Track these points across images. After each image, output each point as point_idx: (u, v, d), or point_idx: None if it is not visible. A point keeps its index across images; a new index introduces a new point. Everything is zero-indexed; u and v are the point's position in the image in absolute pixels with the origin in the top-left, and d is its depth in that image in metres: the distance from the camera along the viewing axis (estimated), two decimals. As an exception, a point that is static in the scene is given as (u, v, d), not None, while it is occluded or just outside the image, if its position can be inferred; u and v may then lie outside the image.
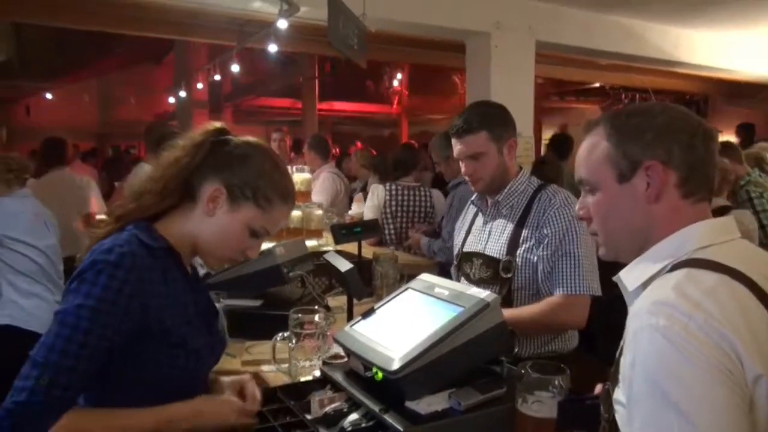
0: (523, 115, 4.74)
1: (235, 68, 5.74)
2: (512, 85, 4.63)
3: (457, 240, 2.17)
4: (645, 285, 0.93)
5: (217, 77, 6.60)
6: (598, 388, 1.16)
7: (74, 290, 1.05)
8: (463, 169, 1.98)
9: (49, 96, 12.20)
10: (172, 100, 10.05)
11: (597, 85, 9.92)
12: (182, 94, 9.20)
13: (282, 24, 3.55)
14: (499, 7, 4.49)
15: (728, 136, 8.26)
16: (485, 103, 2.13)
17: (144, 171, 3.82)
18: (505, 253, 1.90)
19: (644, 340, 0.81)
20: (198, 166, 1.20)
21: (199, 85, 7.60)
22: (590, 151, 1.00)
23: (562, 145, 5.36)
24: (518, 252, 1.88)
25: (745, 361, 0.77)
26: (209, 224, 1.21)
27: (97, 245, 1.11)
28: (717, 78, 7.29)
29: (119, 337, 1.06)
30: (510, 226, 1.93)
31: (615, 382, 0.91)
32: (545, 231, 1.85)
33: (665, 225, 0.94)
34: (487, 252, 1.95)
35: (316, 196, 3.90)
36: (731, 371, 0.76)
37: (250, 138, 1.28)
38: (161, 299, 1.12)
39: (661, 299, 0.83)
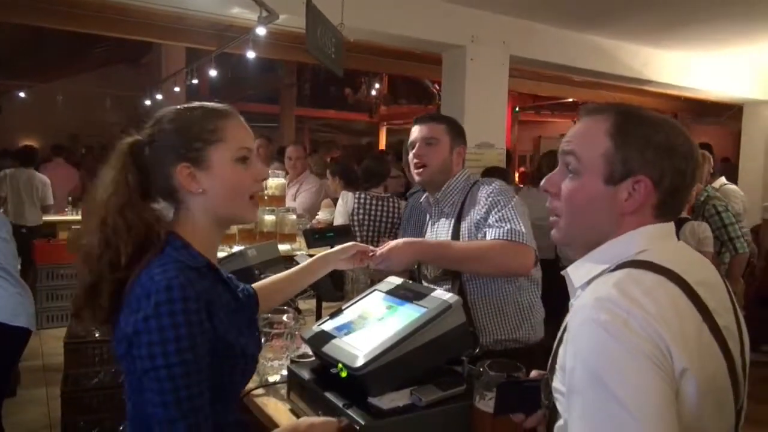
0: (496, 127, 4.85)
1: (213, 73, 5.75)
2: (487, 98, 4.73)
3: None
4: (589, 282, 0.97)
5: (195, 81, 6.58)
6: (534, 373, 1.22)
7: (150, 341, 1.01)
8: (413, 154, 2.10)
9: (22, 95, 12.00)
10: (148, 102, 9.95)
11: (570, 100, 10.13)
12: (158, 96, 9.13)
13: (261, 31, 3.59)
14: (476, 22, 4.59)
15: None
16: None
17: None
18: None
19: (586, 333, 0.85)
20: (139, 182, 1.16)
21: (177, 89, 7.56)
22: (590, 137, 0.99)
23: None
24: None
25: (674, 355, 0.83)
26: (210, 198, 1.18)
27: (146, 281, 1.05)
28: (684, 97, 7.52)
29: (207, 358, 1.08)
30: (451, 222, 2.06)
31: (553, 371, 0.97)
32: (477, 215, 1.94)
33: (625, 233, 0.98)
34: None
35: (339, 218, 3.91)
36: (663, 364, 0.82)
37: (156, 114, 1.23)
38: (220, 316, 1.12)
39: (603, 296, 0.87)
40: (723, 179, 5.56)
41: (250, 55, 4.33)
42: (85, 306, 1.14)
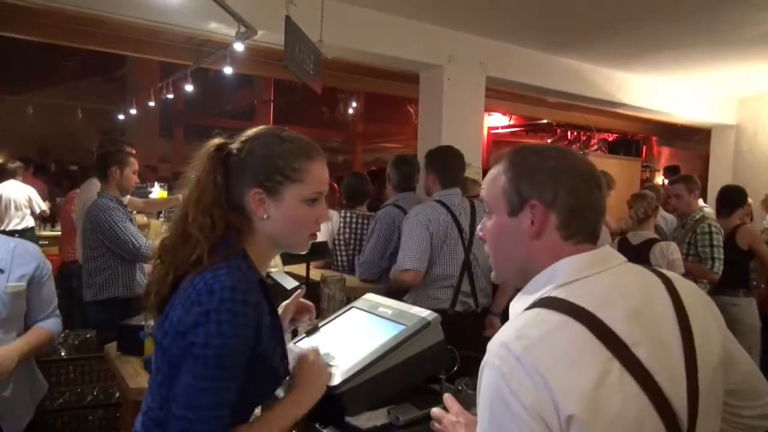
0: (472, 146, 4.89)
1: (189, 88, 5.70)
2: (463, 117, 4.77)
3: None
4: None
5: (170, 96, 6.50)
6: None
7: (207, 332, 1.07)
8: None
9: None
10: (121, 116, 9.82)
11: (545, 121, 10.30)
12: (132, 111, 9.03)
13: (238, 47, 3.57)
14: (453, 42, 4.64)
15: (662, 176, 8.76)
16: None
17: (95, 187, 3.74)
18: None
19: (485, 373, 0.91)
20: (224, 185, 1.21)
21: (151, 103, 7.47)
22: (492, 180, 1.07)
23: None
24: None
25: (560, 403, 0.84)
26: (271, 224, 1.22)
27: (210, 278, 1.11)
28: (655, 120, 7.70)
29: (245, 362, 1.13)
30: None
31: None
32: None
33: (544, 261, 1.00)
34: None
35: (320, 236, 3.85)
36: (543, 413, 0.84)
37: (249, 131, 1.27)
38: (263, 329, 1.16)
39: (502, 340, 0.91)
40: (701, 201, 5.70)
41: (228, 70, 4.31)
42: (152, 294, 1.21)
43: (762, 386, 1.08)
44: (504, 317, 2.95)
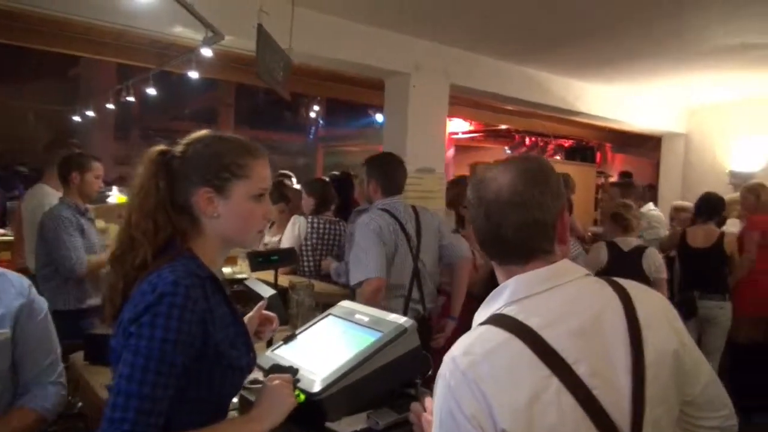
0: (436, 152, 4.98)
1: (151, 91, 5.60)
2: (427, 123, 4.85)
3: None
4: None
5: (131, 98, 6.36)
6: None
7: (149, 323, 1.09)
8: None
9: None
10: (77, 118, 9.53)
11: (504, 127, 10.50)
12: (89, 113, 8.79)
13: (206, 52, 3.54)
14: (419, 50, 4.71)
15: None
16: None
17: (44, 193, 3.63)
18: None
19: (438, 384, 0.99)
20: (168, 189, 1.23)
21: (110, 106, 7.28)
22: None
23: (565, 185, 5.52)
24: None
25: (496, 417, 0.91)
26: (222, 222, 1.24)
27: (154, 278, 1.13)
28: (610, 128, 7.97)
29: (189, 363, 1.13)
30: None
31: None
32: None
33: (502, 279, 1.08)
34: None
35: (287, 242, 3.81)
36: (482, 425, 0.92)
37: (192, 135, 1.30)
38: (214, 325, 1.17)
39: (453, 354, 0.98)
40: (651, 205, 5.94)
41: (193, 75, 4.26)
42: (107, 303, 1.23)
43: (721, 397, 1.11)
44: (461, 322, 3.01)
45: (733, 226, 4.55)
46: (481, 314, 1.06)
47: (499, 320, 0.99)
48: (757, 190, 4.44)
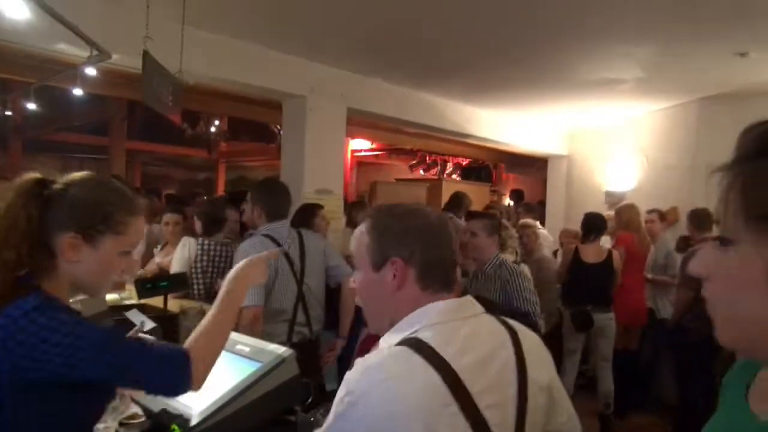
0: (334, 173, 5.07)
1: (31, 106, 5.28)
2: (325, 145, 4.94)
3: None
4: None
5: (8, 113, 5.94)
6: None
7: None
8: None
9: None
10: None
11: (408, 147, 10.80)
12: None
13: (90, 71, 3.42)
14: (315, 74, 4.79)
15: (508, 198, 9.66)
16: None
17: None
18: None
19: (336, 400, 1.01)
20: (38, 221, 1.17)
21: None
22: (358, 239, 1.18)
23: (459, 204, 5.59)
24: None
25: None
26: (80, 268, 1.21)
27: (11, 310, 1.09)
28: (500, 149, 8.45)
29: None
30: None
31: None
32: None
33: (406, 309, 1.11)
34: None
35: (176, 265, 3.70)
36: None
37: (75, 175, 1.25)
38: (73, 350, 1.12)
39: (353, 376, 1.00)
40: (537, 223, 6.33)
41: (77, 92, 4.08)
42: None
43: (579, 427, 1.23)
44: (349, 343, 3.09)
45: (605, 242, 4.99)
46: (391, 339, 1.08)
47: (415, 344, 1.02)
48: (619, 210, 5.03)
